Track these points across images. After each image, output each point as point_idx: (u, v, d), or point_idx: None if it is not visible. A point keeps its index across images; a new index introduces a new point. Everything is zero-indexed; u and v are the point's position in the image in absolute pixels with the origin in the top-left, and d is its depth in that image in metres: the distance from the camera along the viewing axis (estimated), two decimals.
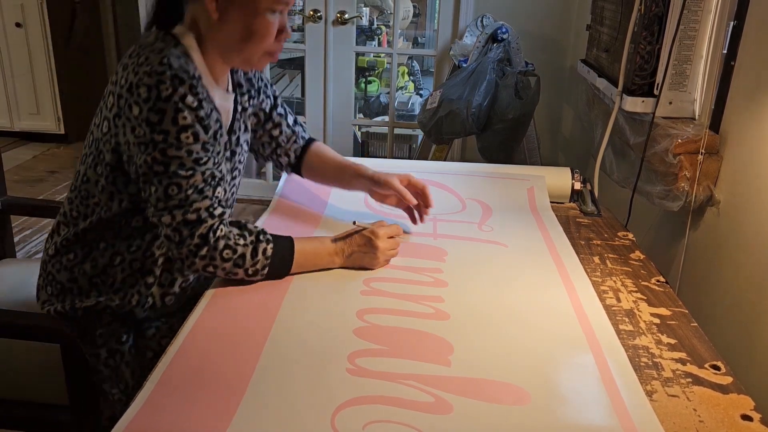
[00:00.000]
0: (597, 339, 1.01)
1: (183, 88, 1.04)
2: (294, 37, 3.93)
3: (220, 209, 1.10)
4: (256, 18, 1.10)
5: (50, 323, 1.17)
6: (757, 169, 1.33)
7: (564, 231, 1.45)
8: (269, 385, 0.87)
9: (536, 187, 1.59)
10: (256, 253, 1.10)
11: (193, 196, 1.07)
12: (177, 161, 1.05)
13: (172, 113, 1.03)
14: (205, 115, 1.08)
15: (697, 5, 1.55)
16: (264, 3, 1.09)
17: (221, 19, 1.10)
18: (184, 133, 1.04)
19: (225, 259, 1.08)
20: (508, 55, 2.52)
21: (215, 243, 1.08)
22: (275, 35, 1.14)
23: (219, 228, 1.08)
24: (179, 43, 1.11)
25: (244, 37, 1.12)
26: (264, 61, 1.17)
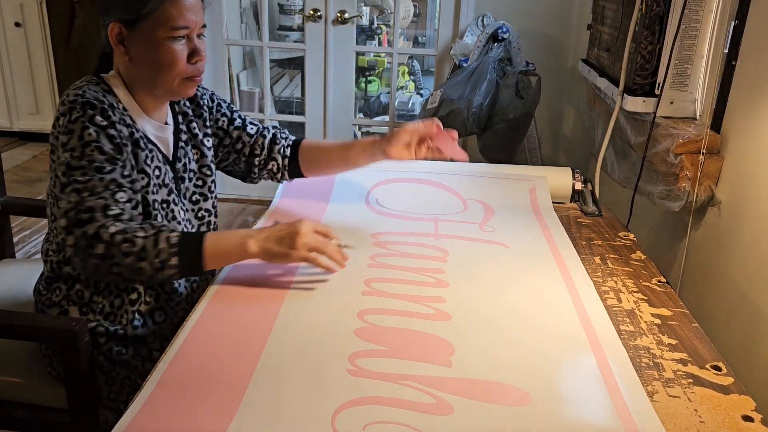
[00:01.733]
0: (599, 339, 1.01)
1: (93, 111, 1.11)
2: (294, 37, 3.94)
3: (117, 210, 1.07)
4: (158, 49, 1.15)
5: (50, 323, 1.17)
6: (758, 169, 1.32)
7: (565, 231, 1.45)
8: (269, 385, 0.87)
9: (538, 187, 1.59)
10: (157, 242, 1.05)
11: (88, 197, 1.07)
12: (79, 171, 1.08)
13: (79, 131, 1.10)
14: (118, 135, 1.13)
15: (698, 5, 1.55)
16: (161, 33, 1.14)
17: (132, 60, 1.17)
18: (88, 147, 1.09)
19: (125, 253, 1.04)
20: (509, 54, 2.52)
21: (111, 238, 1.04)
22: (186, 60, 1.17)
23: (113, 224, 1.05)
24: (103, 81, 1.19)
25: (153, 70, 1.17)
26: (186, 87, 1.21)
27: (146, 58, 1.16)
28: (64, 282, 1.22)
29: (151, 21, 1.13)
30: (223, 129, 1.39)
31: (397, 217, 1.43)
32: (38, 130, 4.22)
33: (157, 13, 1.13)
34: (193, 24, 1.16)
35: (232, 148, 1.41)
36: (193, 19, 1.16)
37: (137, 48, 1.16)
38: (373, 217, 1.43)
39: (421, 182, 1.60)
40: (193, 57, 1.18)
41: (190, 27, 1.16)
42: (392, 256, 1.26)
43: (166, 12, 1.13)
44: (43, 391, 1.26)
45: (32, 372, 1.28)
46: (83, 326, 1.13)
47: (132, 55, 1.17)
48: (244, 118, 1.43)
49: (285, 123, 3.73)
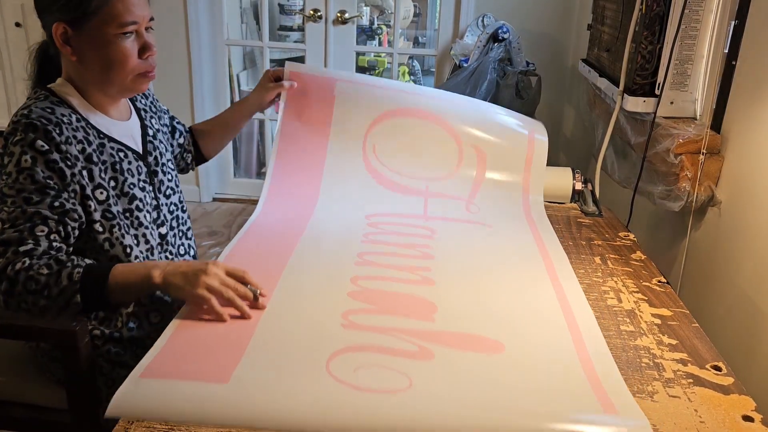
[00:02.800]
0: (567, 298, 1.13)
1: (34, 134, 1.07)
2: (294, 37, 3.94)
3: (30, 246, 1.03)
4: (108, 47, 1.12)
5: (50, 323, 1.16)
6: (758, 169, 1.32)
7: (565, 231, 1.45)
8: (271, 336, 0.98)
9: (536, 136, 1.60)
10: (60, 280, 1.01)
11: (6, 230, 1.04)
12: (10, 199, 1.06)
13: (18, 155, 1.07)
14: (61, 159, 1.08)
15: (699, 5, 1.55)
16: (109, 30, 1.11)
17: (80, 60, 1.14)
18: (21, 174, 1.06)
19: (30, 291, 1.01)
20: (509, 54, 2.52)
21: (15, 275, 1.01)
22: (137, 56, 1.15)
23: (22, 260, 1.02)
24: (53, 94, 1.15)
25: (104, 69, 1.14)
26: (140, 82, 1.19)
27: (96, 57, 1.13)
28: None
29: (98, 18, 1.10)
30: (167, 125, 1.44)
31: (390, 188, 1.54)
32: None
33: (103, 10, 1.10)
34: (141, 18, 1.14)
35: (178, 142, 1.48)
36: (140, 14, 1.13)
37: (85, 47, 1.12)
38: (366, 193, 1.52)
39: (419, 116, 1.60)
40: (144, 52, 1.16)
41: (139, 22, 1.14)
42: (384, 234, 1.37)
43: (113, 8, 1.10)
44: (43, 391, 1.25)
45: (32, 372, 1.28)
46: (83, 326, 1.13)
47: (80, 56, 1.13)
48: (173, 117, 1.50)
49: None
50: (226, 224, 3.16)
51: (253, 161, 3.67)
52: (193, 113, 3.20)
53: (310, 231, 1.36)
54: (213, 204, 3.40)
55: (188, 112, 3.21)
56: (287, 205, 1.46)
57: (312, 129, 1.55)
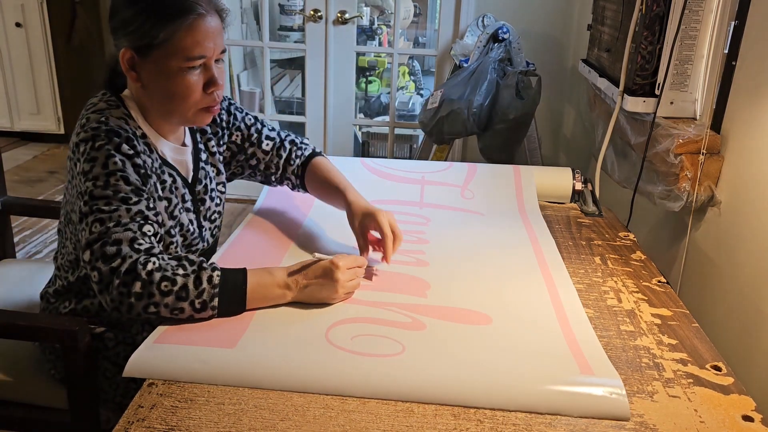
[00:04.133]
0: (552, 278, 1.21)
1: (118, 139, 1.06)
2: (294, 37, 3.94)
3: (147, 244, 1.03)
4: (171, 80, 1.08)
5: (51, 323, 1.17)
6: (758, 169, 1.32)
7: (565, 231, 1.45)
8: (275, 309, 1.07)
9: (523, 170, 1.70)
10: (200, 282, 1.00)
11: (114, 228, 1.01)
12: (103, 201, 1.03)
13: (103, 159, 1.04)
14: (144, 164, 1.09)
15: (699, 5, 1.55)
16: (175, 63, 1.07)
17: (144, 87, 1.11)
18: (113, 176, 1.04)
19: (164, 292, 0.99)
20: (509, 54, 2.52)
21: (149, 276, 0.99)
22: (201, 91, 1.11)
23: (150, 260, 1.00)
24: (123, 105, 1.13)
25: (166, 100, 1.11)
26: (201, 117, 1.15)
27: (159, 87, 1.10)
28: (74, 296, 1.22)
29: (165, 49, 1.06)
30: (237, 144, 1.35)
31: (388, 176, 1.64)
32: (39, 130, 4.22)
33: (170, 42, 1.05)
34: (210, 52, 1.09)
35: (246, 164, 1.38)
36: (210, 47, 1.09)
37: (149, 76, 1.10)
38: (364, 182, 1.53)
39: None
40: (209, 87, 1.11)
41: (207, 56, 1.09)
42: None
43: (181, 41, 1.06)
44: (43, 391, 1.26)
45: (33, 372, 1.28)
46: (83, 326, 1.13)
47: (144, 83, 1.11)
48: (260, 131, 1.37)
49: (285, 123, 3.73)
50: (226, 224, 3.16)
51: None
52: None
53: (312, 218, 1.44)
54: None
55: None
56: (288, 195, 1.50)
57: None
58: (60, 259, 1.24)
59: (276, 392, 0.89)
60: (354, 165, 1.69)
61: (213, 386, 0.90)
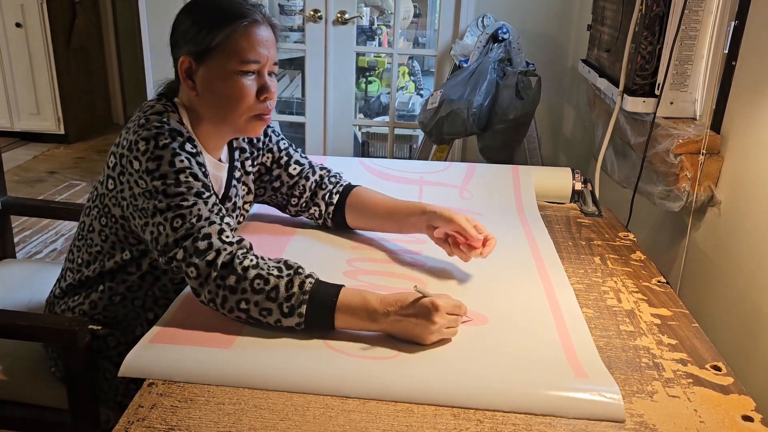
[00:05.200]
0: (550, 280, 1.21)
1: (181, 138, 1.07)
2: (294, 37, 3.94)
3: (235, 236, 1.04)
4: (227, 83, 1.10)
5: (50, 323, 1.17)
6: (758, 169, 1.33)
7: (565, 231, 1.45)
8: None
9: (521, 169, 1.71)
10: (291, 285, 0.99)
11: (200, 223, 1.03)
12: (179, 197, 1.04)
13: (169, 157, 1.05)
14: (204, 163, 1.10)
15: (698, 5, 1.55)
16: (230, 66, 1.09)
17: (199, 95, 1.13)
18: (182, 174, 1.05)
19: (256, 290, 0.99)
20: (509, 54, 2.52)
21: (244, 272, 1.00)
22: (254, 96, 1.12)
23: (246, 256, 1.02)
24: (177, 111, 1.14)
25: (220, 104, 1.12)
26: (253, 125, 1.16)
27: (214, 92, 1.11)
28: (85, 290, 1.22)
29: (221, 53, 1.09)
30: (266, 165, 1.34)
31: (386, 177, 1.63)
32: (39, 130, 4.22)
33: (227, 44, 1.08)
34: (264, 59, 1.11)
35: (269, 185, 1.36)
36: (264, 54, 1.11)
37: (205, 81, 1.11)
38: (365, 177, 1.57)
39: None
40: (261, 93, 1.12)
41: (261, 62, 1.11)
42: None
43: (237, 44, 1.09)
44: (43, 391, 1.26)
45: (33, 372, 1.28)
46: (84, 326, 1.13)
47: (199, 90, 1.12)
48: (291, 155, 1.36)
49: (285, 123, 3.73)
50: None
51: None
52: None
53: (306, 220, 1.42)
54: None
55: None
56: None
57: None
58: (77, 253, 1.23)
59: (276, 392, 0.89)
60: (352, 165, 1.69)
61: (213, 386, 0.90)
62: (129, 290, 1.19)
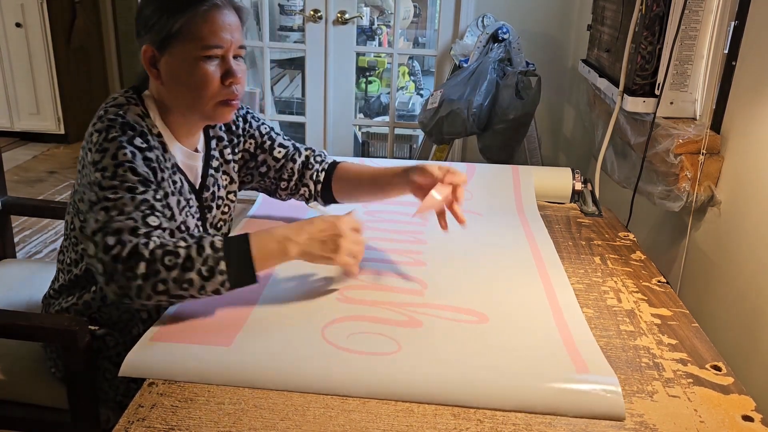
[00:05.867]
0: (550, 278, 1.21)
1: (132, 132, 1.07)
2: (294, 37, 3.94)
3: (145, 228, 1.01)
4: (190, 70, 1.09)
5: (50, 323, 1.17)
6: (758, 169, 1.33)
7: (565, 231, 1.45)
8: (271, 308, 1.07)
9: (522, 169, 1.70)
10: (202, 249, 0.98)
11: (117, 218, 1.00)
12: (109, 190, 1.03)
13: (114, 150, 1.04)
14: (155, 159, 1.09)
15: (698, 5, 1.55)
16: (192, 52, 1.08)
17: (164, 83, 1.12)
18: (121, 167, 1.04)
19: (169, 266, 0.96)
20: (509, 54, 2.52)
21: (152, 255, 0.96)
22: (219, 82, 1.11)
23: (150, 240, 0.98)
24: (142, 103, 1.14)
25: (185, 92, 1.11)
26: (221, 111, 1.14)
27: (178, 80, 1.10)
28: (78, 290, 1.22)
29: (182, 40, 1.08)
30: (249, 152, 1.33)
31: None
32: (39, 130, 4.22)
33: (188, 30, 1.07)
34: (227, 44, 1.10)
35: (255, 171, 1.35)
36: (227, 38, 1.09)
37: (169, 70, 1.10)
38: None
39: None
40: (226, 78, 1.11)
41: (224, 47, 1.10)
42: (380, 222, 1.45)
43: (198, 29, 1.07)
44: (43, 391, 1.26)
45: (33, 372, 1.28)
46: (83, 326, 1.13)
47: (164, 79, 1.11)
48: (273, 139, 1.35)
49: (285, 123, 3.73)
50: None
51: None
52: None
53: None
54: None
55: None
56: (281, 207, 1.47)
57: None
58: (66, 253, 1.23)
59: (276, 392, 0.89)
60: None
61: (213, 386, 0.90)
62: None
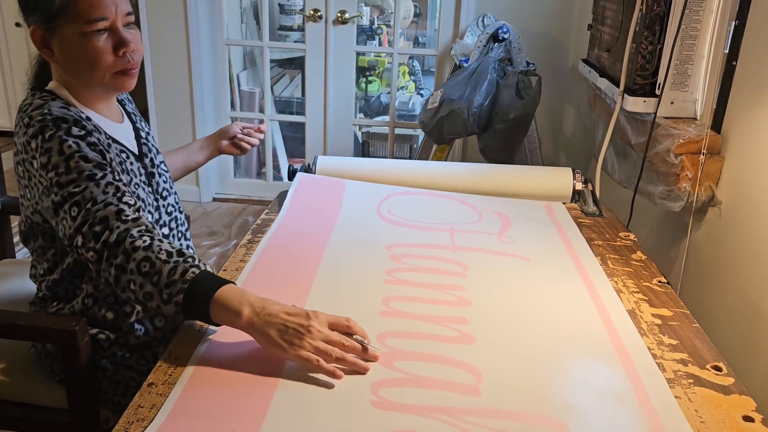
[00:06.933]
0: (630, 357, 0.97)
1: (66, 125, 1.06)
2: (294, 37, 3.94)
3: (133, 215, 1.02)
4: (80, 46, 1.09)
5: (50, 323, 1.16)
6: (758, 169, 1.32)
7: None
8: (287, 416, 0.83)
9: (554, 205, 1.56)
10: (174, 272, 0.95)
11: (95, 207, 1.01)
12: (71, 185, 1.03)
13: (57, 147, 1.05)
14: (98, 141, 1.08)
15: (699, 5, 1.55)
16: (77, 29, 1.07)
17: (60, 63, 1.12)
18: (71, 159, 1.04)
19: (142, 272, 0.96)
20: (510, 54, 2.52)
21: (133, 252, 0.97)
22: (112, 54, 1.10)
23: (141, 236, 0.98)
24: (57, 96, 1.13)
25: (82, 69, 1.11)
26: (120, 81, 1.14)
27: (70, 58, 1.10)
28: (62, 299, 1.21)
29: (65, 18, 1.06)
30: None
31: (410, 226, 1.39)
32: None
33: (68, 8, 1.06)
34: (111, 14, 1.08)
35: None
36: (110, 9, 1.08)
37: (60, 49, 1.10)
38: (385, 227, 1.38)
39: (433, 195, 1.57)
40: (119, 49, 1.10)
41: (109, 18, 1.08)
42: (409, 270, 1.20)
43: (77, 5, 1.06)
44: (43, 391, 1.25)
45: (33, 372, 1.28)
46: (83, 326, 1.13)
47: (58, 59, 1.11)
48: None
49: (285, 123, 3.73)
50: (226, 224, 3.16)
51: (253, 161, 3.67)
52: (193, 113, 3.20)
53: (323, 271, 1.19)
54: (213, 204, 3.40)
55: (188, 112, 3.21)
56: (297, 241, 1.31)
57: (319, 212, 1.44)
58: (37, 267, 1.23)
59: None
60: (369, 216, 1.43)
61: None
62: (98, 289, 1.17)
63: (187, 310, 0.95)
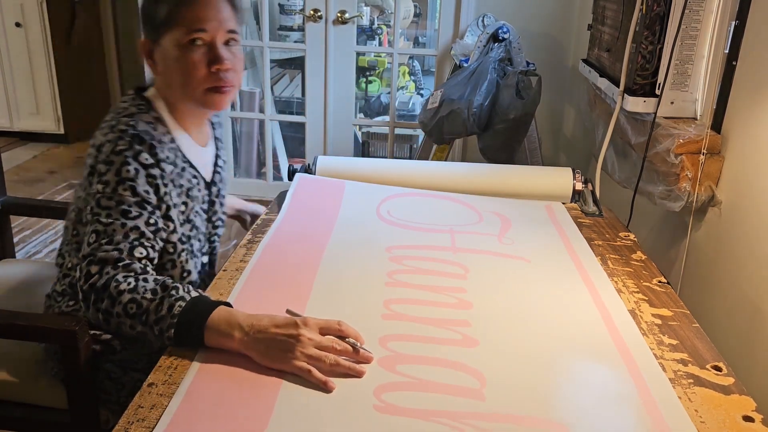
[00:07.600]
0: (633, 358, 0.97)
1: (140, 146, 1.07)
2: (294, 37, 3.93)
3: (128, 262, 1.03)
4: (177, 57, 1.11)
5: (50, 323, 1.17)
6: (759, 169, 1.32)
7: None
8: (293, 415, 0.83)
9: (554, 205, 1.55)
10: (160, 308, 0.96)
11: (104, 247, 1.02)
12: (104, 211, 1.04)
13: (118, 165, 1.06)
14: (160, 174, 1.09)
15: (699, 5, 1.55)
16: (178, 39, 1.10)
17: (160, 72, 1.14)
18: (121, 185, 1.05)
19: (129, 314, 0.97)
20: (510, 54, 2.52)
21: (119, 296, 0.98)
22: (206, 68, 1.11)
23: (126, 279, 1.00)
24: (152, 108, 1.14)
25: (176, 80, 1.13)
26: (210, 98, 1.14)
27: (168, 68, 1.12)
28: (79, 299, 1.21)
29: (169, 27, 1.10)
30: None
31: (410, 228, 1.39)
32: (38, 130, 4.22)
33: (172, 17, 1.09)
34: (212, 28, 1.11)
35: None
36: (212, 24, 1.10)
37: (161, 59, 1.13)
38: (385, 228, 1.38)
39: (433, 196, 1.56)
40: (213, 65, 1.11)
41: (208, 31, 1.10)
42: (410, 272, 1.20)
43: (181, 15, 1.09)
44: (43, 391, 1.25)
45: (33, 372, 1.28)
46: (83, 326, 1.13)
47: (159, 69, 1.14)
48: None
49: (285, 123, 3.72)
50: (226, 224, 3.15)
51: (253, 161, 3.67)
52: None
53: (323, 273, 1.18)
54: None
55: None
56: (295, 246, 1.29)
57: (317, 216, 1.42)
58: (66, 257, 1.23)
59: None
60: (369, 217, 1.43)
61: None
62: None
63: (180, 343, 0.95)
